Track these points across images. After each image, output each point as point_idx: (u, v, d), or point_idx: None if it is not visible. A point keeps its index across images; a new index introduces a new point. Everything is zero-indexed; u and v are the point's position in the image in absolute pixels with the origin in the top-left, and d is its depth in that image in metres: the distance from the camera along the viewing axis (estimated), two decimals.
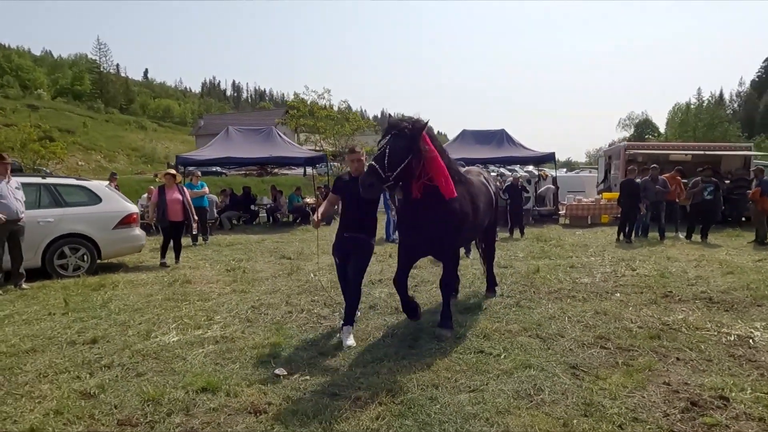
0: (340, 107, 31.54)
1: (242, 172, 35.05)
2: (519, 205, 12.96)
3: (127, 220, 8.54)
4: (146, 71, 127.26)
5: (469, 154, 14.80)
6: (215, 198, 15.30)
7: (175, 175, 9.63)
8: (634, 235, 11.55)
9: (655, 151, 16.84)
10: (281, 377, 3.83)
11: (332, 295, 6.13)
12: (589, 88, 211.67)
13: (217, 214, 14.88)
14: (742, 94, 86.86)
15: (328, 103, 30.20)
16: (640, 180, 11.57)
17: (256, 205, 17.47)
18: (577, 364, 4.00)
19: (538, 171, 18.76)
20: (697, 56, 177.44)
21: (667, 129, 67.64)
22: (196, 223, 9.75)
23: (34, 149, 28.87)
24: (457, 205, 4.62)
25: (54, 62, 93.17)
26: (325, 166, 21.15)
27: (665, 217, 11.67)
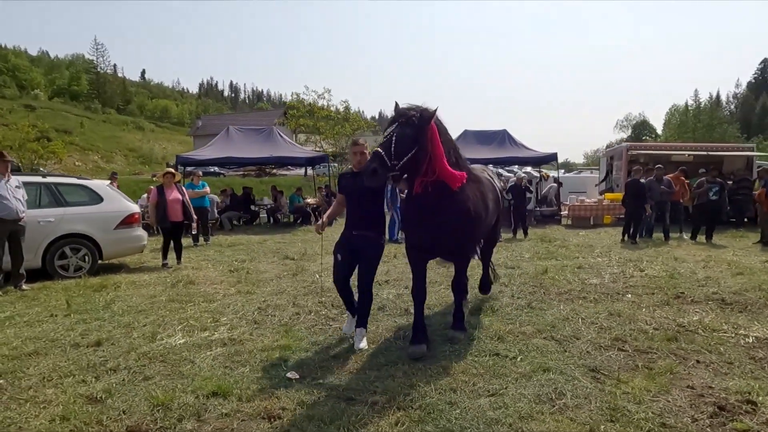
0: (338, 108, 31.45)
1: (240, 173, 34.93)
2: (523, 205, 12.89)
3: (129, 220, 8.41)
4: (143, 72, 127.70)
5: (470, 155, 14.59)
6: (216, 198, 15.17)
7: (175, 174, 9.51)
8: (639, 235, 11.49)
9: (657, 152, 16.81)
10: (293, 381, 3.72)
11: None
12: (587, 89, 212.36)
13: (217, 215, 14.76)
14: (739, 96, 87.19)
15: (327, 103, 30.12)
16: (645, 180, 11.50)
17: (256, 206, 17.35)
18: (597, 366, 3.91)
19: (538, 172, 18.71)
20: (694, 58, 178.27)
21: (665, 130, 67.77)
22: (195, 222, 9.62)
23: (33, 149, 28.67)
24: (471, 205, 4.32)
25: (51, 62, 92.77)
26: (325, 166, 21.04)
27: (669, 218, 11.62)
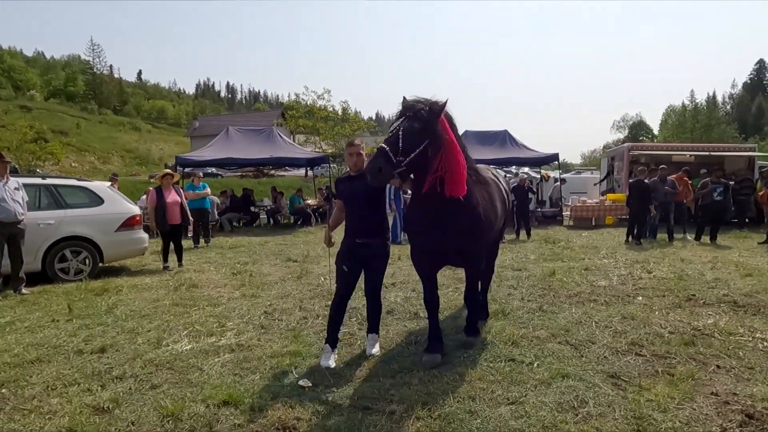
0: (335, 108, 31.34)
1: (238, 174, 34.71)
2: (526, 206, 12.82)
3: (130, 222, 8.28)
4: (140, 72, 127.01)
5: (471, 155, 14.59)
6: (216, 199, 15.04)
7: (174, 175, 9.38)
8: (643, 236, 11.42)
9: (658, 152, 16.78)
10: (306, 389, 3.61)
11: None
12: (585, 89, 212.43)
13: (217, 216, 14.63)
14: (735, 96, 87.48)
15: (326, 104, 29.99)
16: (649, 181, 11.45)
17: (256, 207, 17.22)
18: (616, 372, 3.82)
19: (537, 172, 18.66)
20: (692, 58, 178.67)
21: (662, 131, 67.91)
22: (191, 225, 9.51)
23: (30, 150, 28.44)
24: (481, 210, 4.13)
25: (47, 63, 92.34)
26: (325, 167, 20.91)
27: (673, 218, 11.57)
